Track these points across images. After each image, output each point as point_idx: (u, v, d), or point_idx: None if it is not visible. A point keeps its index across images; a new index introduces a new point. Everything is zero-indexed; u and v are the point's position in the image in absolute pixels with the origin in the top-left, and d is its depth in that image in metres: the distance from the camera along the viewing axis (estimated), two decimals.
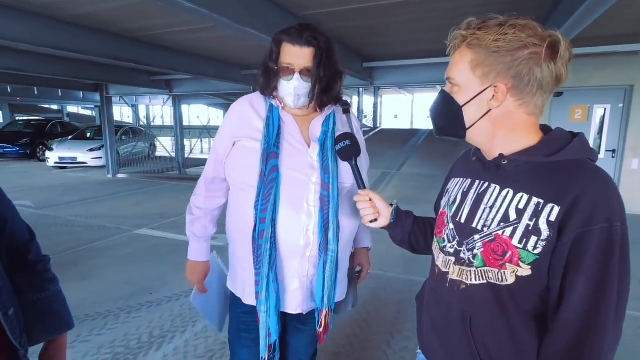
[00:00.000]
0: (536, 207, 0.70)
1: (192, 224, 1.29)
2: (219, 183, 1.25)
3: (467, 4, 3.67)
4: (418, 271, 3.39)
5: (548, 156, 0.73)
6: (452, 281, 0.83)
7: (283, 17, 3.77)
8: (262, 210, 1.07)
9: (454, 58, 0.78)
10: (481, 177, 0.83)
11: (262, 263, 1.07)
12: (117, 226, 4.97)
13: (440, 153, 9.67)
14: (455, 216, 0.85)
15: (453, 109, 0.79)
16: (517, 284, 0.72)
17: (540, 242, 0.69)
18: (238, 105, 1.20)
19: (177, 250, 4.06)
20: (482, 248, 0.76)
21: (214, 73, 7.02)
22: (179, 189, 7.89)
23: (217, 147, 1.20)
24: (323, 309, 1.15)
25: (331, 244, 1.11)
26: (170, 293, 3.07)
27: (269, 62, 1.14)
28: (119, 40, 5.05)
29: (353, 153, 1.08)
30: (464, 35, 0.75)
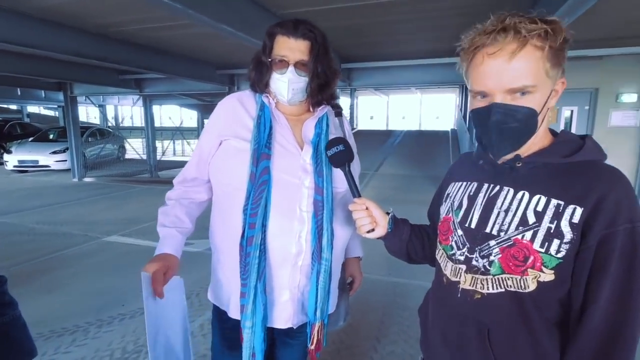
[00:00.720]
0: (556, 209, 0.68)
1: (163, 215, 1.12)
2: (201, 184, 1.16)
3: (444, 6, 3.71)
4: (401, 273, 3.39)
5: (565, 157, 0.71)
6: (464, 291, 0.78)
7: (261, 16, 3.68)
8: (251, 214, 0.99)
9: (524, 61, 0.66)
10: (490, 180, 0.79)
11: (249, 272, 0.99)
12: (85, 233, 4.69)
13: (417, 154, 9.85)
14: (463, 222, 0.80)
15: (529, 120, 0.69)
16: (538, 290, 0.69)
17: (564, 245, 0.66)
18: (226, 102, 1.12)
19: (151, 257, 3.87)
20: (499, 254, 0.72)
21: (188, 72, 6.80)
22: (151, 192, 7.57)
23: (202, 145, 1.11)
24: (315, 322, 1.07)
25: (325, 252, 1.04)
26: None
27: (262, 56, 1.07)
28: (86, 36, 4.78)
29: (347, 159, 1.01)
30: (523, 34, 0.65)
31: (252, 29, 3.49)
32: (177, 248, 1.09)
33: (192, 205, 1.16)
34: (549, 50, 0.66)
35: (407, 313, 2.78)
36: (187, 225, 1.13)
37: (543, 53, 0.66)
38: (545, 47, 0.65)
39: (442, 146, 11.03)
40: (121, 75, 8.46)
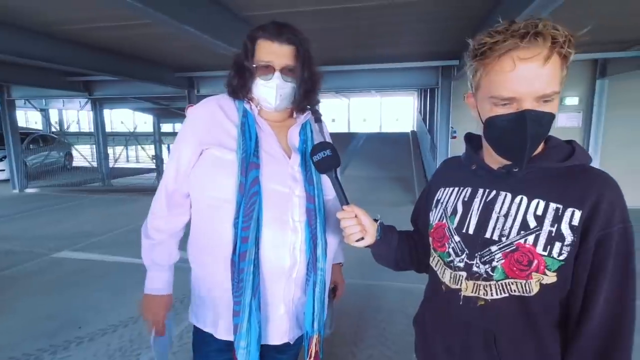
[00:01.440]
0: (556, 212, 0.69)
1: (151, 250, 1.09)
2: (182, 198, 1.07)
3: (405, 13, 3.81)
4: (373, 275, 3.41)
5: (560, 162, 0.73)
6: (466, 298, 0.77)
7: (225, 17, 3.58)
8: (243, 228, 0.93)
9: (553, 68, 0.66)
10: (486, 185, 0.79)
11: (243, 289, 0.93)
12: (30, 250, 4.27)
13: (380, 155, 10.07)
14: (460, 228, 0.79)
15: (550, 126, 0.70)
16: (541, 293, 0.70)
17: (565, 248, 0.68)
18: (205, 107, 1.04)
19: (109, 273, 3.60)
20: (502, 259, 0.72)
21: (143, 75, 6.46)
22: (104, 202, 7.10)
23: (179, 156, 1.02)
24: (313, 335, 1.03)
25: (320, 262, 1.01)
26: (105, 324, 2.67)
27: (244, 61, 1.01)
28: (26, 35, 4.37)
29: (334, 164, 0.97)
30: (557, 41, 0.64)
31: (216, 31, 3.37)
32: (170, 285, 1.14)
33: (179, 234, 1.12)
34: (563, 59, 0.67)
35: (382, 315, 2.80)
36: (176, 257, 1.14)
37: (563, 61, 0.67)
38: (569, 56, 0.66)
39: (403, 148, 11.37)
40: (68, 77, 7.85)
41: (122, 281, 3.38)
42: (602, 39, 4.89)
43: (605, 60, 5.93)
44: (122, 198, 7.57)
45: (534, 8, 2.65)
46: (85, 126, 19.36)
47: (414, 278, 0.93)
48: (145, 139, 16.38)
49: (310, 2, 3.48)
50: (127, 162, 14.95)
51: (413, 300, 0.98)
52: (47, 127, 14.67)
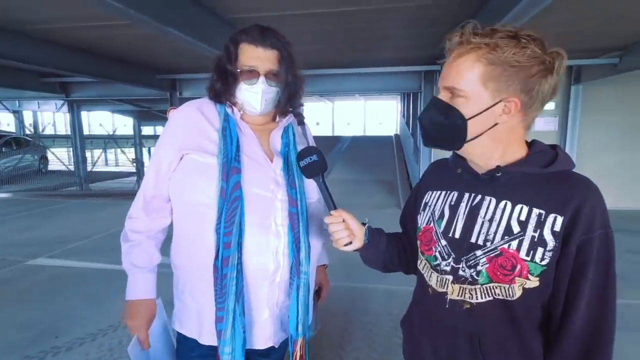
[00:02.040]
0: (539, 218, 0.70)
1: (129, 252, 1.05)
2: (162, 203, 1.05)
3: (390, 18, 3.87)
4: (359, 277, 3.41)
5: (542, 168, 0.74)
6: (452, 301, 0.78)
7: (210, 19, 3.54)
8: (225, 234, 0.93)
9: (460, 66, 0.71)
10: (471, 189, 0.79)
11: (227, 295, 0.92)
12: (2, 257, 4.09)
13: (364, 159, 10.14)
14: (447, 232, 0.80)
15: (456, 122, 0.73)
16: (524, 297, 0.72)
17: (547, 253, 0.69)
18: (185, 111, 1.03)
19: (87, 280, 3.49)
20: (487, 264, 0.73)
21: (124, 76, 6.31)
22: (81, 207, 6.87)
23: (160, 160, 1.01)
24: (298, 338, 1.03)
25: (303, 266, 1.01)
26: (83, 333, 2.58)
27: (227, 65, 1.00)
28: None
29: (321, 169, 0.97)
30: (475, 42, 0.69)
31: (200, 33, 3.33)
32: (153, 290, 1.08)
33: (159, 235, 1.09)
34: (488, 66, 0.68)
35: (368, 318, 2.81)
36: (157, 259, 1.09)
37: (483, 67, 0.69)
38: (485, 62, 0.68)
39: (387, 151, 11.49)
40: (43, 78, 7.59)
41: (101, 288, 3.27)
42: (576, 46, 5.08)
43: (579, 67, 6.16)
44: (100, 203, 7.36)
45: (512, 16, 2.73)
46: (62, 128, 18.74)
47: (400, 280, 0.94)
48: (125, 142, 16.00)
49: (295, 6, 3.49)
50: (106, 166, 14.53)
51: (399, 302, 0.99)
52: (20, 129, 14.14)
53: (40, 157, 11.29)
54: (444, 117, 0.74)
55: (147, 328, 1.07)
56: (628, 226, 5.49)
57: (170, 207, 1.07)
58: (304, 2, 3.40)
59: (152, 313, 1.08)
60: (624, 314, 2.88)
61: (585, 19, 3.85)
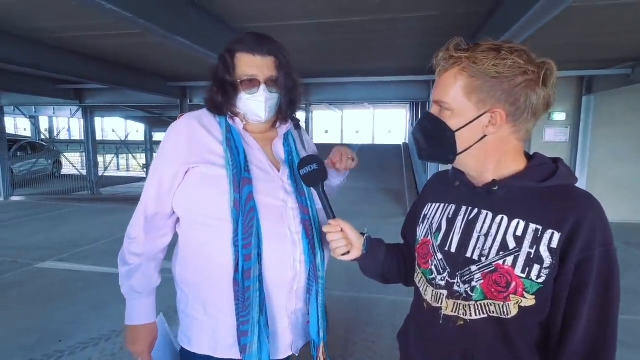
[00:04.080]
0: (535, 233, 0.68)
1: (128, 276, 1.01)
2: (163, 220, 1.03)
3: (400, 27, 3.88)
4: (362, 287, 3.38)
5: (541, 182, 0.72)
6: (446, 317, 0.76)
7: (218, 28, 3.60)
8: (244, 246, 0.91)
9: (445, 81, 0.73)
10: (469, 203, 0.78)
11: (251, 307, 0.91)
12: (13, 260, 4.16)
13: (372, 167, 10.10)
14: (443, 245, 0.79)
15: (445, 134, 0.74)
16: (520, 315, 0.69)
17: (544, 270, 0.67)
18: (184, 125, 1.01)
19: (93, 284, 3.52)
20: (481, 280, 0.71)
21: (136, 84, 6.44)
22: (92, 211, 6.97)
23: (161, 176, 0.99)
24: (320, 343, 1.03)
25: (320, 271, 1.02)
26: (87, 338, 2.60)
27: (226, 76, 0.99)
28: (16, 42, 4.34)
29: (320, 178, 0.97)
30: (456, 57, 0.71)
31: (208, 42, 3.38)
32: (153, 312, 1.06)
33: (159, 256, 1.07)
34: (470, 78, 0.69)
35: (371, 329, 2.77)
36: (157, 281, 1.07)
37: (465, 79, 0.70)
38: (466, 74, 0.70)
39: (395, 159, 11.44)
40: (58, 85, 7.79)
41: (107, 293, 3.30)
42: (587, 57, 5.02)
43: (591, 78, 6.08)
44: (110, 207, 7.46)
45: (520, 27, 2.72)
46: (76, 134, 19.14)
47: (405, 291, 0.94)
48: (136, 148, 16.27)
49: (303, 16, 3.53)
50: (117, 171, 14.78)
51: (403, 314, 0.97)
52: (36, 134, 14.49)
53: (54, 162, 11.53)
54: (433, 131, 0.76)
55: (150, 350, 1.05)
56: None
57: (171, 224, 1.05)
58: (309, 13, 3.44)
59: (153, 336, 1.06)
60: (634, 330, 2.80)
61: (595, 31, 3.81)
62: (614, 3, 3.04)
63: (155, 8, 2.70)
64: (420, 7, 3.32)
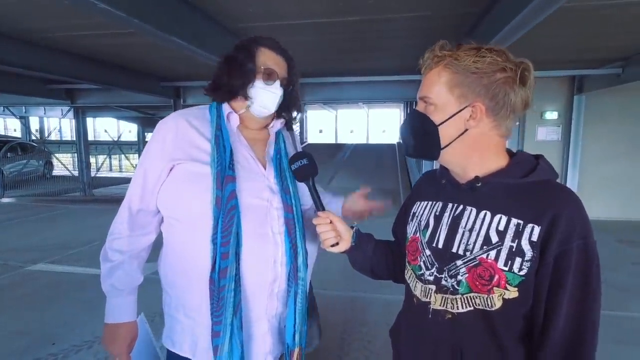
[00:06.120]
0: (517, 227, 0.71)
1: (110, 274, 1.00)
2: (147, 217, 1.02)
3: (392, 27, 3.89)
4: (359, 287, 3.39)
5: (521, 177, 0.74)
6: (435, 311, 0.78)
7: (212, 29, 3.58)
8: (223, 244, 0.90)
9: (430, 78, 0.78)
10: (454, 199, 0.81)
11: (224, 308, 0.90)
12: (4, 262, 4.10)
13: (366, 167, 10.14)
14: (431, 241, 0.81)
15: (428, 128, 0.77)
16: (504, 308, 0.71)
17: (525, 263, 0.69)
18: (171, 122, 1.00)
19: (86, 286, 3.48)
20: (466, 274, 0.74)
21: (128, 84, 6.38)
22: (84, 212, 6.90)
23: (146, 172, 0.98)
24: (295, 348, 1.01)
25: (301, 272, 1.00)
26: (80, 341, 2.57)
27: (246, 62, 1.00)
28: (5, 41, 4.28)
29: (310, 173, 1.00)
30: (440, 56, 0.76)
31: (204, 42, 3.36)
32: (134, 311, 1.04)
33: (142, 254, 1.05)
34: (453, 74, 0.75)
35: (367, 328, 2.77)
36: (139, 280, 1.05)
37: (448, 75, 0.75)
38: (449, 70, 0.75)
39: (389, 159, 11.49)
40: (49, 85, 7.69)
41: (100, 295, 3.19)
42: (578, 57, 5.08)
43: (582, 77, 6.15)
44: (103, 208, 7.38)
45: (513, 26, 2.75)
46: (68, 134, 18.93)
47: (400, 290, 0.94)
48: (129, 148, 16.13)
49: (297, 16, 3.53)
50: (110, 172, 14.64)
51: (397, 313, 0.98)
52: (26, 135, 14.29)
53: (45, 163, 11.39)
54: (419, 126, 0.80)
55: (129, 351, 1.03)
56: (633, 237, 5.42)
57: (155, 222, 1.04)
58: (305, 12, 3.44)
59: (133, 335, 1.04)
60: (627, 327, 2.84)
61: (586, 31, 3.85)
62: (606, 3, 3.08)
63: (149, 7, 2.68)
64: (415, 7, 3.33)
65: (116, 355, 1.02)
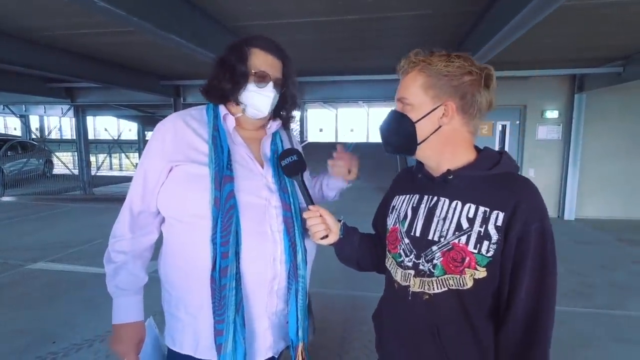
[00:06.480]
0: (484, 214, 0.80)
1: (114, 275, 1.01)
2: (149, 218, 1.03)
3: (392, 26, 3.89)
4: (359, 286, 3.39)
5: (487, 170, 0.84)
6: (414, 294, 0.86)
7: (212, 27, 3.58)
8: (222, 243, 0.92)
9: (406, 81, 0.87)
10: (429, 191, 0.89)
11: (226, 306, 0.91)
12: (4, 261, 4.11)
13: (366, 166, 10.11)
14: (409, 231, 0.89)
15: (406, 126, 0.86)
16: (475, 287, 0.80)
17: (492, 246, 0.78)
18: (170, 124, 1.01)
19: (86, 285, 3.49)
20: (441, 257, 0.82)
21: (128, 82, 6.38)
22: (84, 211, 6.91)
23: (146, 174, 1.00)
24: (299, 343, 1.02)
25: (301, 269, 1.01)
26: (81, 339, 2.57)
27: (238, 65, 1.00)
28: (5, 40, 4.27)
29: (300, 169, 1.03)
30: (414, 61, 0.85)
31: (203, 40, 3.36)
32: (140, 312, 1.05)
33: (146, 254, 1.06)
34: (427, 77, 0.84)
35: (367, 327, 2.77)
36: (144, 280, 1.06)
37: (422, 78, 0.84)
38: (424, 74, 0.84)
39: (390, 158, 11.47)
40: (49, 84, 7.69)
41: (100, 293, 3.27)
42: (578, 55, 5.08)
43: (582, 76, 6.14)
44: (103, 207, 7.39)
45: (513, 26, 2.74)
46: (68, 133, 18.92)
47: None
48: (129, 147, 16.13)
49: (296, 15, 3.52)
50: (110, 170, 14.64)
51: None
52: (27, 133, 14.30)
53: (45, 161, 11.39)
54: (397, 124, 0.88)
55: (137, 352, 1.03)
56: (633, 236, 5.42)
57: (157, 223, 1.05)
58: (304, 11, 3.43)
59: (140, 336, 1.04)
60: (627, 326, 2.84)
61: (587, 30, 3.84)
62: (606, 2, 3.07)
63: (148, 6, 2.67)
64: (415, 6, 3.33)
65: (124, 355, 1.02)
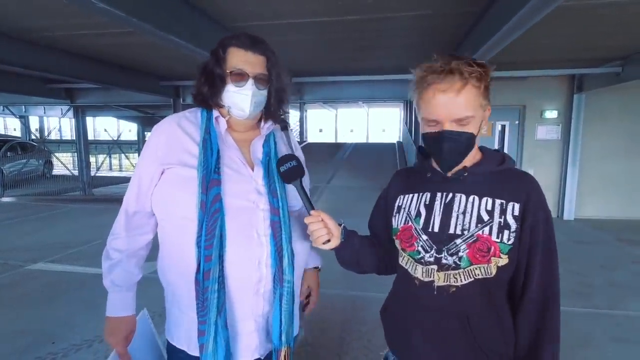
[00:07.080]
0: (501, 206, 0.87)
1: (110, 271, 1.06)
2: (144, 218, 1.06)
3: (391, 26, 3.89)
4: (359, 286, 3.39)
5: (498, 166, 0.91)
6: (439, 287, 0.88)
7: (211, 28, 3.58)
8: (206, 246, 0.93)
9: (467, 98, 0.83)
10: (442, 189, 0.92)
11: (208, 308, 0.92)
12: (4, 261, 4.11)
13: (366, 166, 10.15)
14: (426, 227, 0.91)
15: (470, 141, 0.87)
16: (498, 274, 0.85)
17: (512, 234, 0.85)
18: (164, 127, 1.03)
19: (86, 285, 3.49)
20: (467, 249, 0.86)
21: (128, 83, 6.39)
22: (84, 212, 6.91)
23: (141, 176, 1.02)
24: (281, 347, 1.03)
25: (286, 274, 1.01)
26: (80, 340, 2.57)
27: (215, 68, 1.00)
28: (6, 41, 4.28)
29: (298, 175, 1.02)
30: (466, 76, 0.82)
31: (202, 41, 3.36)
32: (132, 306, 1.09)
33: (140, 252, 1.09)
34: (483, 88, 0.85)
35: (367, 327, 2.78)
36: (138, 277, 1.09)
37: (479, 90, 0.85)
38: (481, 86, 0.84)
39: (389, 158, 11.48)
40: (49, 84, 7.69)
41: (99, 294, 3.22)
42: (577, 56, 5.08)
43: (581, 76, 6.15)
44: (103, 208, 7.39)
45: (511, 26, 2.75)
46: (67, 133, 18.92)
47: None
48: (129, 147, 16.14)
49: (296, 15, 3.53)
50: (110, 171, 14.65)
51: None
52: (26, 134, 14.29)
53: (45, 162, 11.39)
54: (465, 147, 0.87)
55: (126, 343, 1.07)
56: (632, 236, 5.42)
57: (152, 223, 1.07)
58: (304, 11, 3.44)
59: (130, 329, 1.08)
60: (627, 326, 2.85)
61: (586, 30, 3.85)
62: (605, 2, 3.07)
63: (147, 7, 2.68)
64: (415, 6, 3.33)
65: (114, 345, 1.06)
